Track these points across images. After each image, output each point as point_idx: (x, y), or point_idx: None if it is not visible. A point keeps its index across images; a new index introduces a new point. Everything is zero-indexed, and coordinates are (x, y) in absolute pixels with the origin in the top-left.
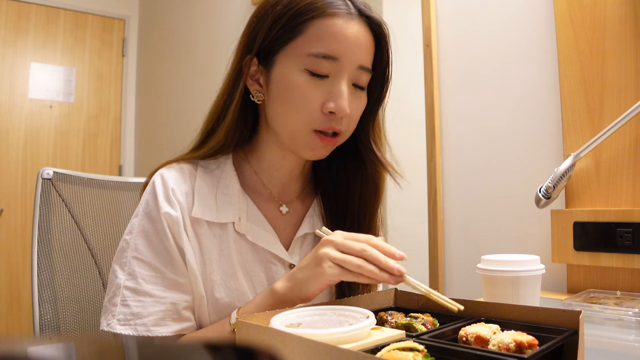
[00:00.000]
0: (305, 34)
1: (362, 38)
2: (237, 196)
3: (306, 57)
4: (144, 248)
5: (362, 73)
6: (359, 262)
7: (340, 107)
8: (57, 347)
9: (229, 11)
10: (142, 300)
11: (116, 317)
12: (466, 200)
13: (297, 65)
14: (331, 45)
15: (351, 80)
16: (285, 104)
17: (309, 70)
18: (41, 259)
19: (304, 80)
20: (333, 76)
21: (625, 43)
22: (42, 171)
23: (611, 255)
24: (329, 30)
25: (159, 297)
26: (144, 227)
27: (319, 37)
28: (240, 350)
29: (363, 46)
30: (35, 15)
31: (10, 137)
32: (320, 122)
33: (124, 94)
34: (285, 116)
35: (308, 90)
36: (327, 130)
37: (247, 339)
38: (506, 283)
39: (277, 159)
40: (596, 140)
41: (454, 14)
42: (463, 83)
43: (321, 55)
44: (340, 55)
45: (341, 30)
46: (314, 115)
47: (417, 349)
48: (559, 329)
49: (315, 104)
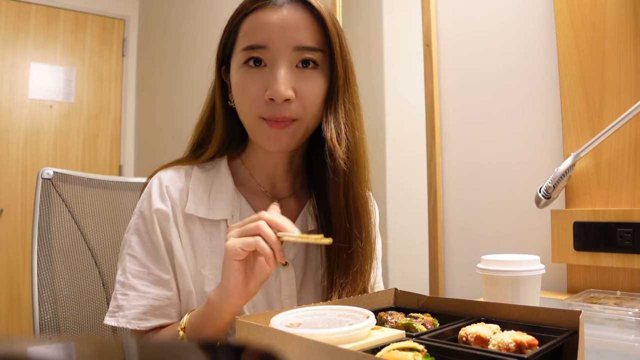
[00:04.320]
0: (240, 34)
1: (291, 20)
2: (230, 194)
3: (241, 53)
4: (136, 245)
5: (302, 52)
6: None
7: (276, 92)
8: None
9: (228, 11)
10: (127, 293)
11: (108, 310)
12: (466, 200)
13: (238, 63)
14: (256, 35)
15: (292, 63)
16: (238, 101)
17: (245, 64)
18: (41, 259)
19: (243, 73)
20: (270, 64)
21: (625, 43)
22: (42, 171)
23: (611, 255)
24: (254, 23)
25: (142, 292)
26: (137, 225)
27: (247, 32)
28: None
29: (293, 27)
30: (35, 15)
31: (10, 137)
32: (263, 109)
33: (124, 94)
34: (240, 111)
35: (247, 82)
36: (270, 117)
37: (247, 339)
38: (506, 283)
39: (262, 157)
40: (596, 140)
41: (454, 14)
42: (463, 83)
43: (249, 47)
44: (266, 42)
45: (264, 20)
46: (256, 103)
47: (417, 349)
48: (559, 329)
49: (254, 93)
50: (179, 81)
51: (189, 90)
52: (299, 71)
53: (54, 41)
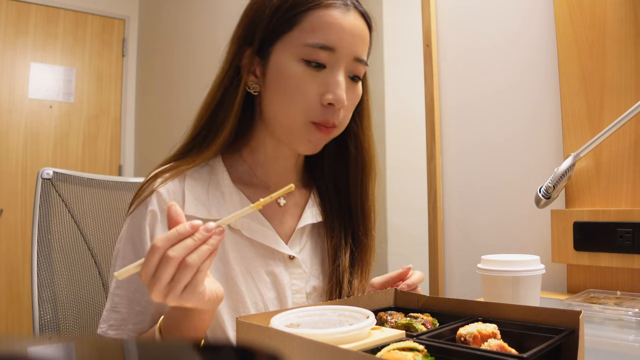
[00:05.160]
0: (302, 25)
1: (358, 29)
2: (229, 192)
3: (303, 48)
4: (130, 254)
5: (358, 65)
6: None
7: (339, 98)
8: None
9: (228, 11)
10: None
11: (107, 323)
12: (466, 200)
13: (294, 56)
14: (328, 35)
15: (347, 72)
16: (282, 94)
17: (305, 60)
18: (41, 259)
19: (301, 70)
20: (330, 67)
21: (625, 43)
22: (42, 171)
23: (611, 255)
24: (325, 20)
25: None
26: (130, 233)
27: (315, 28)
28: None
29: (359, 37)
30: (35, 15)
31: (10, 137)
32: (317, 114)
33: (124, 94)
34: (282, 107)
35: (305, 81)
36: (324, 123)
37: (247, 339)
38: (506, 283)
39: (271, 151)
40: (596, 140)
41: (454, 14)
42: (463, 83)
43: (318, 46)
44: (336, 46)
45: (338, 21)
46: (312, 106)
47: (417, 349)
48: (559, 329)
49: (312, 95)
50: (178, 81)
51: (189, 90)
52: (347, 80)
53: (54, 41)
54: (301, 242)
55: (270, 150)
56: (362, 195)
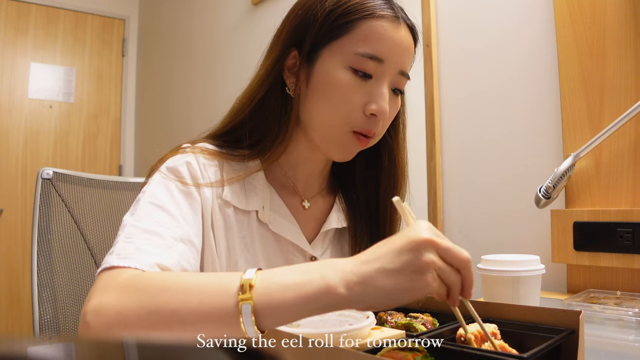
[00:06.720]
0: (353, 33)
1: (406, 43)
2: (261, 185)
3: (352, 56)
4: (163, 196)
5: (401, 78)
6: (456, 280)
7: (382, 110)
8: (57, 347)
9: (228, 11)
10: (150, 239)
11: (115, 253)
12: (466, 200)
13: (342, 63)
14: (379, 46)
15: (391, 84)
16: (325, 100)
17: (353, 68)
18: (41, 259)
19: (348, 78)
20: (376, 78)
21: (625, 43)
22: (42, 171)
23: (611, 255)
24: (377, 31)
25: (170, 243)
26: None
27: (367, 37)
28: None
29: (406, 51)
30: (35, 15)
31: (10, 137)
32: (359, 123)
33: (124, 94)
34: (324, 113)
35: (351, 89)
36: (365, 132)
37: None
38: (506, 283)
39: (304, 154)
40: (596, 140)
41: (454, 14)
42: (463, 83)
43: (368, 56)
44: (385, 58)
45: (389, 33)
46: (354, 114)
47: (417, 349)
48: (559, 329)
49: (356, 104)
50: (178, 81)
51: (189, 90)
52: (390, 93)
53: (53, 41)
54: (323, 245)
55: (305, 152)
56: (392, 207)
